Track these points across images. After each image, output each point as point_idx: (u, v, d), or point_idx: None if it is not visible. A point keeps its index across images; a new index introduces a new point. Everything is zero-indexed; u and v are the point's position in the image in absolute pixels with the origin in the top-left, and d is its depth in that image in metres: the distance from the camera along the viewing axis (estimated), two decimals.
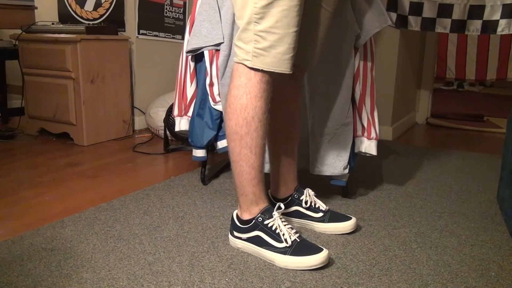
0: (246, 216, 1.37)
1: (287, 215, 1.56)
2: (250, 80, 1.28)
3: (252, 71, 1.27)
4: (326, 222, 1.52)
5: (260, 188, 1.36)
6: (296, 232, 1.35)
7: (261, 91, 1.28)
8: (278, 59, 1.24)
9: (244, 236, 1.37)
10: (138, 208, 1.70)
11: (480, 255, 1.39)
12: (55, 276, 1.22)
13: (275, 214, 1.34)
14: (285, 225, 1.35)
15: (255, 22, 1.23)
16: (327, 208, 1.55)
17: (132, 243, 1.42)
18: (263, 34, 1.23)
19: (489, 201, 1.86)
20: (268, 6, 1.21)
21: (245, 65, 1.26)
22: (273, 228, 1.33)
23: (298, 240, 1.32)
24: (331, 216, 1.53)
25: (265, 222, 1.34)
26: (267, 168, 1.72)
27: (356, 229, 1.54)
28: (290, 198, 1.58)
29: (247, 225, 1.37)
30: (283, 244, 1.30)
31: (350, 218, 1.53)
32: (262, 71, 1.26)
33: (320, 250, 1.30)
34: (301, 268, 1.28)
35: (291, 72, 1.28)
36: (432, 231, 1.55)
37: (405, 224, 1.61)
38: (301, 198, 1.56)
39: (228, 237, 1.46)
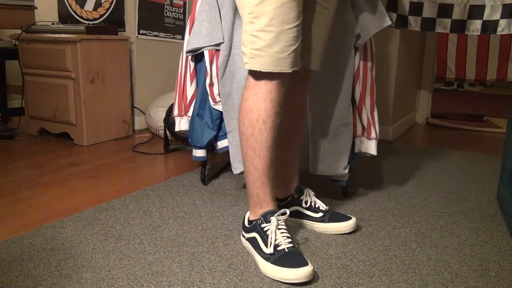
0: (251, 217, 1.39)
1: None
2: (256, 81, 1.27)
3: (257, 73, 1.26)
4: (326, 222, 1.52)
5: (264, 191, 1.34)
6: (290, 242, 1.29)
7: (267, 92, 1.27)
8: (275, 58, 1.22)
9: (246, 235, 1.38)
10: (138, 208, 1.70)
11: (480, 255, 1.39)
12: (55, 276, 1.22)
13: (273, 219, 1.32)
14: (281, 232, 1.31)
15: (250, 22, 1.23)
16: (327, 208, 1.55)
17: (132, 243, 1.42)
18: (258, 33, 1.22)
19: (489, 201, 1.86)
20: (260, 4, 1.20)
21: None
22: (268, 232, 1.30)
23: (287, 250, 1.26)
24: (331, 216, 1.53)
25: (262, 226, 1.33)
26: None
27: (356, 229, 1.54)
28: (290, 198, 1.58)
29: (249, 226, 1.37)
30: (268, 251, 1.27)
31: (350, 218, 1.53)
32: (264, 72, 1.25)
33: (305, 264, 1.22)
34: (277, 279, 1.22)
35: (290, 71, 1.25)
36: (432, 231, 1.55)
37: (405, 224, 1.61)
38: (301, 198, 1.56)
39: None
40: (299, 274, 1.20)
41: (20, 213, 1.66)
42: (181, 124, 1.90)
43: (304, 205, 1.55)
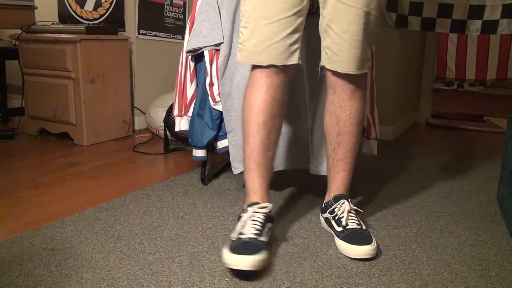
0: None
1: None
2: (251, 72, 1.40)
3: (253, 66, 1.38)
4: (340, 239, 1.40)
5: (252, 179, 1.39)
6: (257, 234, 1.28)
7: (256, 83, 1.37)
8: (252, 52, 1.34)
9: None
10: (138, 208, 1.70)
11: (480, 255, 1.39)
12: (55, 276, 1.22)
13: (250, 209, 1.35)
14: (254, 225, 1.31)
15: (241, 19, 1.36)
16: (352, 226, 1.41)
17: (132, 243, 1.42)
18: (241, 29, 1.36)
19: (489, 201, 1.86)
20: (244, 3, 1.35)
21: None
22: (240, 221, 1.34)
23: (243, 240, 1.26)
24: (349, 235, 1.38)
25: (241, 215, 1.37)
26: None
27: (374, 257, 1.35)
28: (325, 204, 1.53)
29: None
30: (233, 237, 1.31)
31: (368, 243, 1.34)
32: (254, 65, 1.37)
33: (248, 254, 1.21)
34: (224, 263, 1.23)
35: (265, 65, 1.33)
36: (432, 231, 1.55)
37: (405, 224, 1.61)
38: (334, 207, 1.48)
39: None
40: (237, 260, 1.20)
41: (20, 213, 1.66)
42: (181, 124, 1.90)
43: (331, 214, 1.48)
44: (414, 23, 2.28)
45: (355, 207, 1.50)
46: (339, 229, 1.42)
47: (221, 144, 1.87)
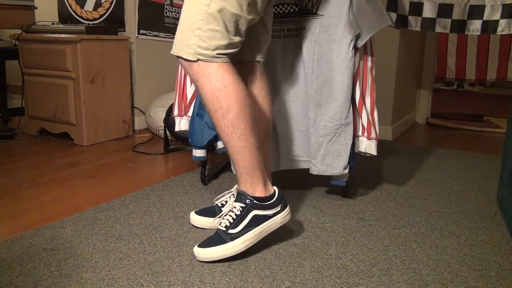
0: None
1: None
2: None
3: None
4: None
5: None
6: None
7: None
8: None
9: None
10: (138, 208, 1.70)
11: (480, 255, 1.39)
12: (55, 276, 1.22)
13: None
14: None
15: None
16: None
17: (132, 243, 1.42)
18: None
19: (489, 201, 1.86)
20: None
21: None
22: None
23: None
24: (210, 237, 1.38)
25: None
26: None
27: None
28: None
29: None
30: None
31: (206, 246, 1.33)
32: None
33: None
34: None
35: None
36: (432, 231, 1.55)
37: (405, 224, 1.61)
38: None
39: None
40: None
41: (20, 213, 1.66)
42: (181, 124, 1.90)
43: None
44: (414, 23, 2.28)
45: (241, 206, 1.37)
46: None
47: (221, 144, 1.87)
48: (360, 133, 1.75)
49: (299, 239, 1.47)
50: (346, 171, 1.73)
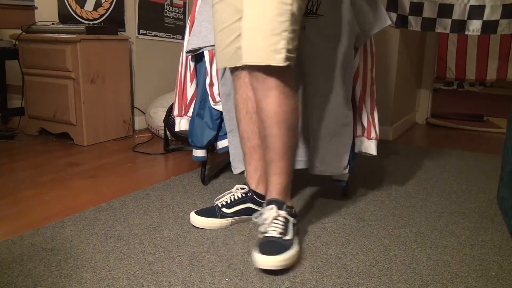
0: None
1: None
2: None
3: None
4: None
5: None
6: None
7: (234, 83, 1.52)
8: (216, 58, 1.48)
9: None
10: (138, 208, 1.70)
11: (480, 255, 1.39)
12: (55, 276, 1.22)
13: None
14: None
15: None
16: (271, 234, 1.34)
17: (132, 243, 1.42)
18: None
19: (489, 201, 1.86)
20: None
21: None
22: None
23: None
24: (263, 243, 1.32)
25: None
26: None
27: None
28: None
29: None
30: None
31: (277, 253, 1.26)
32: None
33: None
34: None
35: (220, 67, 1.45)
36: (432, 231, 1.55)
37: (405, 224, 1.61)
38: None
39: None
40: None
41: (20, 213, 1.66)
42: (181, 124, 1.90)
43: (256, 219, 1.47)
44: (414, 23, 2.28)
45: (285, 214, 1.36)
46: (260, 235, 1.35)
47: (221, 144, 1.87)
48: (360, 133, 1.75)
49: (299, 239, 1.47)
50: (346, 171, 1.73)
